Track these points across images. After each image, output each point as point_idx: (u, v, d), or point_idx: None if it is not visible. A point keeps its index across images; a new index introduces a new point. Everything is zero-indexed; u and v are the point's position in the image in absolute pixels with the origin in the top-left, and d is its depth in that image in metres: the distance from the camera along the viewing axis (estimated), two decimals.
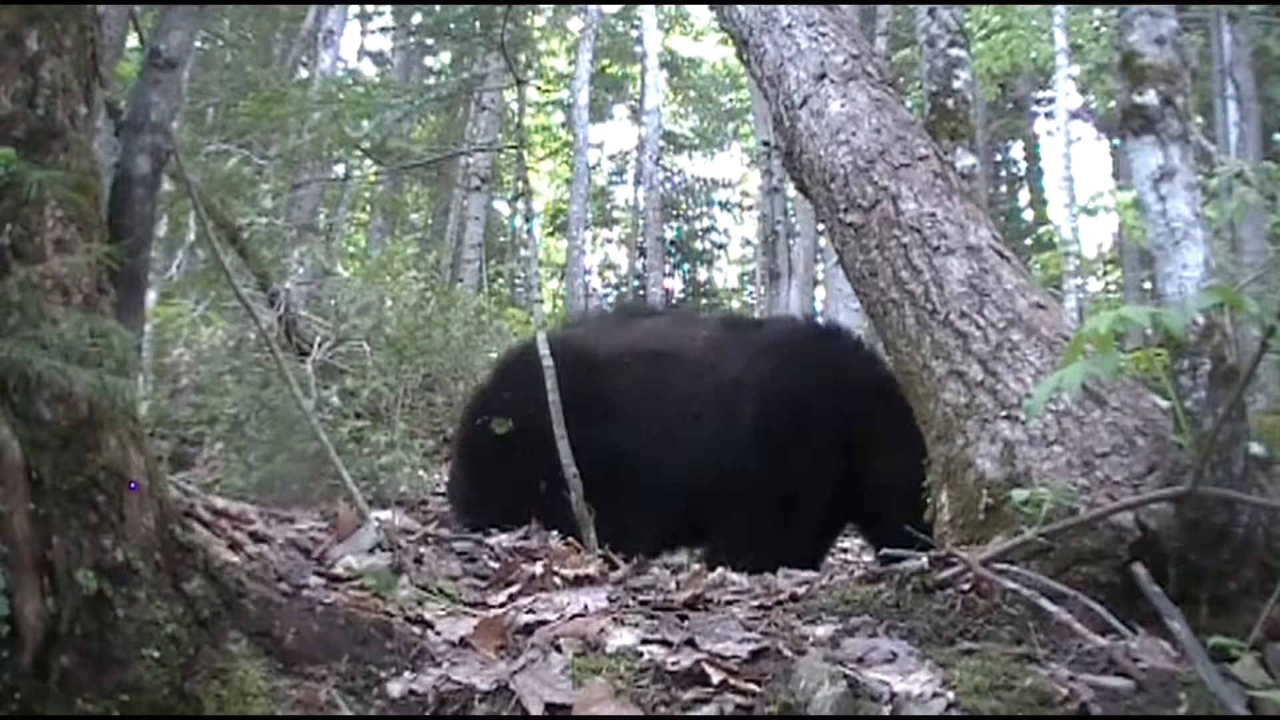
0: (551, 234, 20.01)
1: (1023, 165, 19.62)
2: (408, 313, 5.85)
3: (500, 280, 17.24)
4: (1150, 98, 2.05)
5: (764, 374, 3.38)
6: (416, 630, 1.67)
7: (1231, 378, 1.72)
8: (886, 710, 1.36)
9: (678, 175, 22.28)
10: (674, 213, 21.48)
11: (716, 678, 1.45)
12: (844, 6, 3.24)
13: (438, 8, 12.60)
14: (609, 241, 22.95)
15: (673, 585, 2.29)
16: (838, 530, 3.75)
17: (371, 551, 2.28)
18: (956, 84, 3.24)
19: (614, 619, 1.80)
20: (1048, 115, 15.55)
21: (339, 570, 2.05)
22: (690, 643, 1.61)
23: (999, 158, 19.44)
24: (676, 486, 3.31)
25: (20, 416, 1.25)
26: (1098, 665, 1.50)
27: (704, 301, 20.52)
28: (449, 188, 14.86)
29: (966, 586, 1.79)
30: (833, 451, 3.24)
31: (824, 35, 2.99)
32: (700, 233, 22.33)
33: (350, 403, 4.50)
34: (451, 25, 12.58)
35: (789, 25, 3.07)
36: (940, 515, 2.19)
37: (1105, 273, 15.87)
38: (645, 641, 1.64)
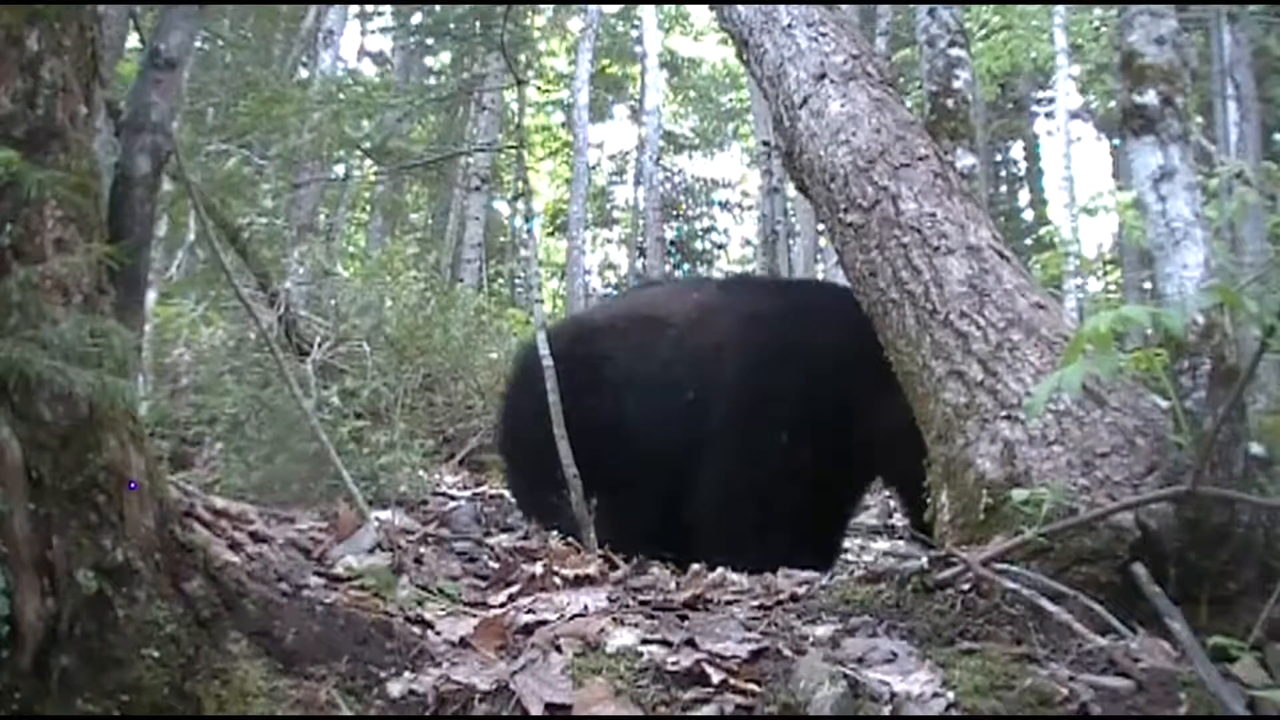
0: (551, 234, 20.00)
1: (1023, 165, 19.62)
2: (408, 313, 5.84)
3: (500, 280, 17.23)
4: (1150, 98, 2.06)
5: (744, 343, 3.22)
6: (416, 630, 1.68)
7: (1231, 378, 1.72)
8: (886, 710, 1.36)
9: (678, 175, 22.27)
10: (674, 213, 21.47)
11: (716, 678, 1.45)
12: (844, 6, 3.25)
13: (438, 8, 12.60)
14: (609, 241, 22.94)
15: (673, 585, 2.29)
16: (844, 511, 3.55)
17: (371, 551, 2.28)
18: (956, 84, 3.24)
19: (614, 619, 1.80)
20: (1048, 115, 15.58)
21: (339, 570, 2.05)
22: (690, 643, 1.61)
23: (999, 158, 19.44)
24: (663, 456, 3.19)
25: (20, 416, 1.25)
26: (1098, 665, 1.50)
27: None
28: (449, 188, 14.86)
29: (966, 586, 1.79)
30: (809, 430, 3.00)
31: (824, 35, 2.99)
32: (700, 233, 22.33)
33: (350, 403, 4.49)
34: (451, 25, 12.58)
35: (789, 25, 3.07)
36: (940, 515, 2.19)
37: (1105, 273, 15.87)
38: (645, 641, 1.64)
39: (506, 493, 4.49)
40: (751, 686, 1.44)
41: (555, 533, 3.00)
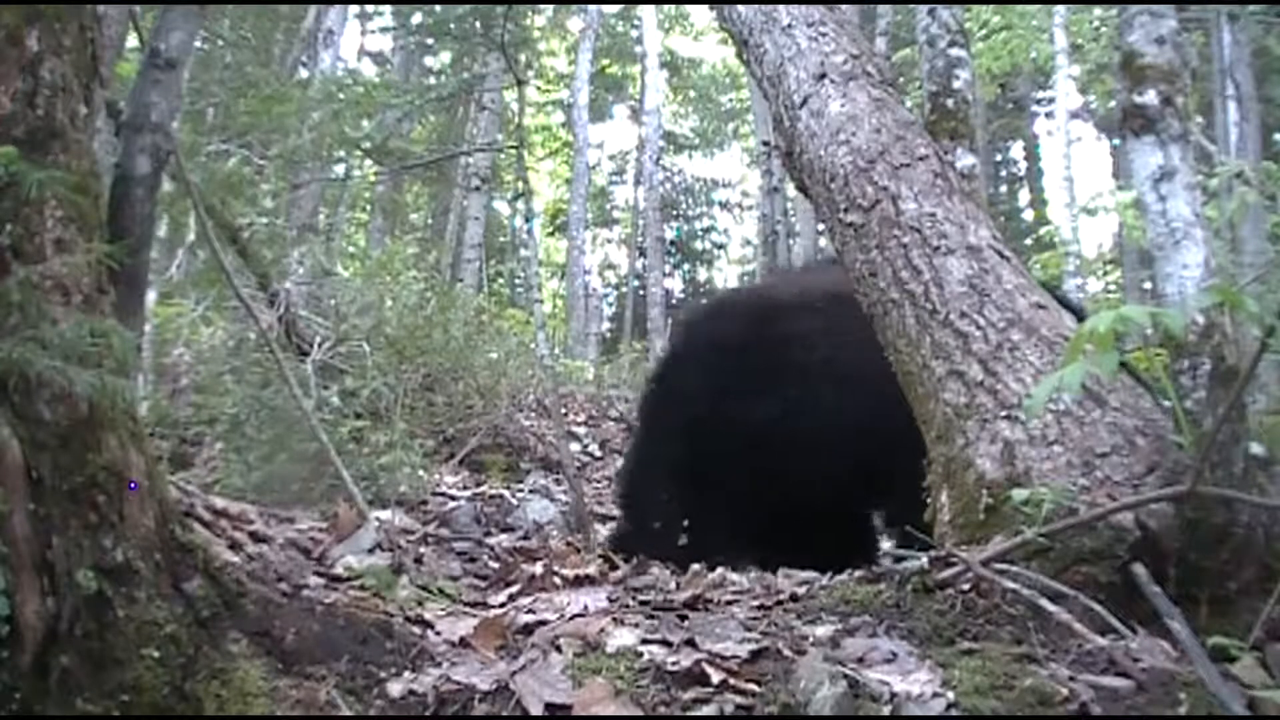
0: (551, 234, 20.02)
1: (1023, 165, 19.66)
2: (408, 313, 5.84)
3: (500, 280, 17.25)
4: (1150, 98, 2.06)
5: None
6: (416, 630, 1.68)
7: (1231, 378, 1.72)
8: (886, 710, 1.36)
9: (678, 175, 22.30)
10: (674, 213, 21.51)
11: (716, 678, 1.45)
12: (844, 6, 3.24)
13: (438, 8, 12.60)
14: (609, 241, 22.99)
15: (673, 585, 2.29)
16: None
17: (371, 551, 2.29)
18: (956, 84, 3.24)
19: (614, 619, 1.80)
20: (1048, 115, 15.60)
21: (339, 570, 2.05)
22: (690, 643, 1.61)
23: (999, 158, 19.47)
24: (850, 455, 2.93)
25: (20, 416, 1.25)
26: (1098, 665, 1.50)
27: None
28: (449, 188, 14.87)
29: (966, 586, 1.78)
30: None
31: (824, 35, 2.99)
32: (700, 233, 22.37)
33: (350, 403, 4.49)
34: (451, 25, 12.57)
35: (789, 25, 3.06)
36: (940, 515, 2.19)
37: (1105, 273, 15.87)
38: (645, 641, 1.64)
39: (506, 492, 4.49)
40: (751, 686, 1.44)
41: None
